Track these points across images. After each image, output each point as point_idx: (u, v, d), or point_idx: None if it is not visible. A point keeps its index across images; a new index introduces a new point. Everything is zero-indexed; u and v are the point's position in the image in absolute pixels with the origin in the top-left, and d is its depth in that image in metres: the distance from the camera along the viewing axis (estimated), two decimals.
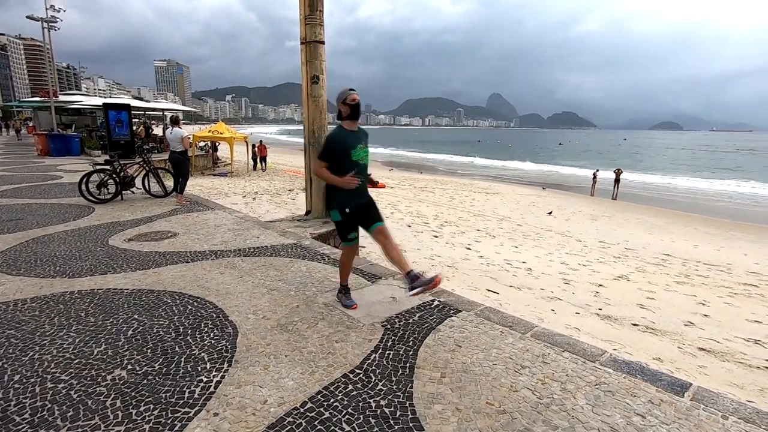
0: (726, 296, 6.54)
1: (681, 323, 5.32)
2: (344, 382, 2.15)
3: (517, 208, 15.06)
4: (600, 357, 2.40)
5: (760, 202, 21.23)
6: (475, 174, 31.19)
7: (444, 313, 2.96)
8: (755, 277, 7.86)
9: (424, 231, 9.73)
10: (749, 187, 26.41)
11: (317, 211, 6.47)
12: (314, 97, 6.20)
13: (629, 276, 7.34)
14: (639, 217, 14.85)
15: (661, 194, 22.76)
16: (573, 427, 1.84)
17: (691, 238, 11.59)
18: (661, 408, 1.97)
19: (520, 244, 9.34)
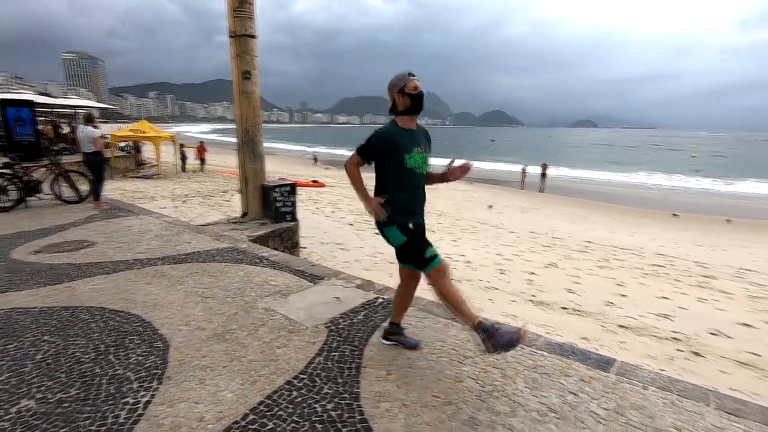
0: (639, 277, 7.24)
1: (603, 304, 5.80)
2: (288, 389, 2.07)
3: (454, 203, 15.59)
4: (536, 342, 2.53)
5: (663, 191, 23.86)
6: None
7: (388, 310, 2.96)
8: (662, 258, 8.80)
9: (366, 229, 9.74)
10: (654, 179, 29.60)
11: (254, 212, 6.21)
12: (246, 93, 5.93)
13: (557, 263, 7.87)
14: (564, 209, 16.04)
15: (581, 186, 24.77)
16: (514, 410, 1.92)
17: (609, 226, 12.73)
18: (591, 384, 2.11)
19: (459, 237, 9.67)
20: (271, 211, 5.96)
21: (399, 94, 2.20)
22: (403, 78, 2.20)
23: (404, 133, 2.21)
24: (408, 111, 2.22)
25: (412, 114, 2.24)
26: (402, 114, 2.24)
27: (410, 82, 2.19)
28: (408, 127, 2.25)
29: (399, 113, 2.24)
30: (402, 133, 2.21)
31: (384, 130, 2.21)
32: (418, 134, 2.27)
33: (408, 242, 2.17)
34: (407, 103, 2.20)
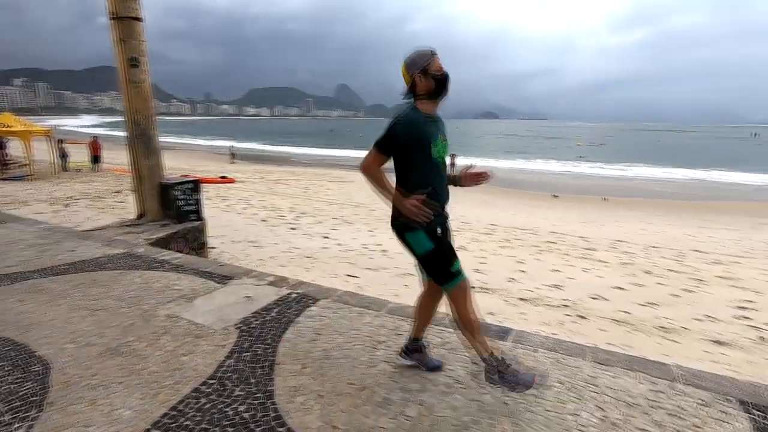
0: (535, 253, 8.04)
1: (505, 280, 6.35)
2: (195, 396, 1.96)
3: (370, 193, 15.83)
4: (443, 321, 2.70)
5: (555, 175, 26.65)
6: (330, 164, 31.62)
7: (303, 305, 2.94)
8: (554, 235, 9.85)
9: (280, 224, 9.47)
10: (550, 165, 32.89)
11: (153, 213, 5.69)
12: (135, 82, 5.37)
13: (466, 246, 8.42)
14: (472, 195, 17.15)
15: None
16: (424, 386, 2.04)
17: (510, 209, 13.92)
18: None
19: (375, 227, 9.85)
20: (172, 210, 5.51)
21: (421, 74, 1.91)
22: (426, 56, 1.91)
23: (428, 120, 1.93)
24: (432, 95, 1.94)
25: (436, 98, 1.96)
26: (423, 98, 1.94)
27: (434, 62, 1.91)
28: (429, 113, 1.96)
29: (419, 97, 1.94)
30: (426, 120, 1.92)
31: (408, 117, 1.88)
32: (439, 121, 2.00)
33: (434, 251, 1.88)
34: (431, 85, 1.92)
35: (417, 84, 1.93)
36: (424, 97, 1.94)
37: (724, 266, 7.44)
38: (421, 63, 1.91)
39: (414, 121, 1.88)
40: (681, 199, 17.94)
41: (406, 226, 1.90)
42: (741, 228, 11.23)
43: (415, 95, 1.95)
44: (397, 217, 1.93)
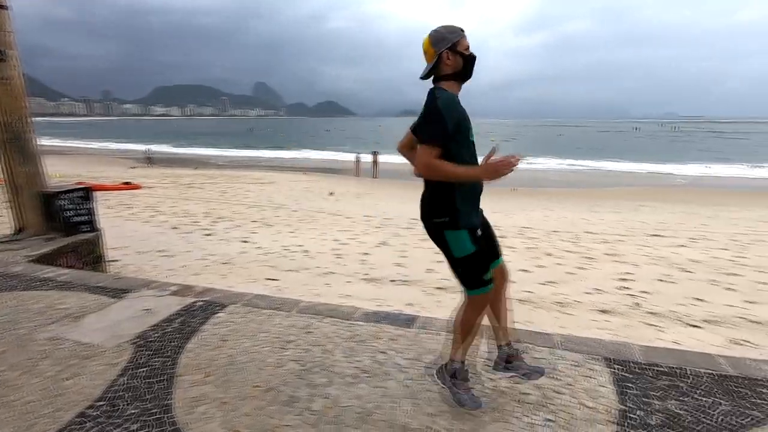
0: None
1: (424, 271, 6.62)
2: (79, 422, 1.80)
3: (292, 194, 15.52)
4: (353, 314, 2.76)
5: None
6: (249, 165, 30.38)
7: (209, 312, 2.82)
8: None
9: (194, 231, 8.94)
10: None
11: (34, 226, 5.04)
12: (3, 79, 4.71)
13: (388, 241, 8.62)
14: (395, 191, 17.58)
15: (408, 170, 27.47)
16: (331, 380, 2.07)
17: None
18: (398, 341, 2.43)
19: (297, 228, 9.70)
20: (58, 222, 4.92)
21: (449, 52, 1.73)
22: (456, 33, 1.74)
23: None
24: (458, 76, 1.77)
25: (462, 81, 1.80)
26: (448, 79, 1.77)
27: (463, 40, 1.75)
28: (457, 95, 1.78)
29: (444, 77, 1.77)
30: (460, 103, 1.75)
31: (449, 97, 1.71)
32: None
33: (474, 255, 1.74)
34: (458, 65, 1.76)
35: (443, 62, 1.75)
36: (450, 77, 1.77)
37: (609, 244, 8.46)
38: (451, 39, 1.74)
39: (456, 102, 1.73)
40: (577, 187, 20.03)
41: (450, 224, 1.74)
42: (624, 210, 12.85)
43: (439, 75, 1.78)
44: (438, 213, 1.78)
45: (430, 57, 1.76)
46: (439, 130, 1.66)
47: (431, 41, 1.75)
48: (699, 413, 1.79)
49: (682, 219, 11.42)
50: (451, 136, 1.68)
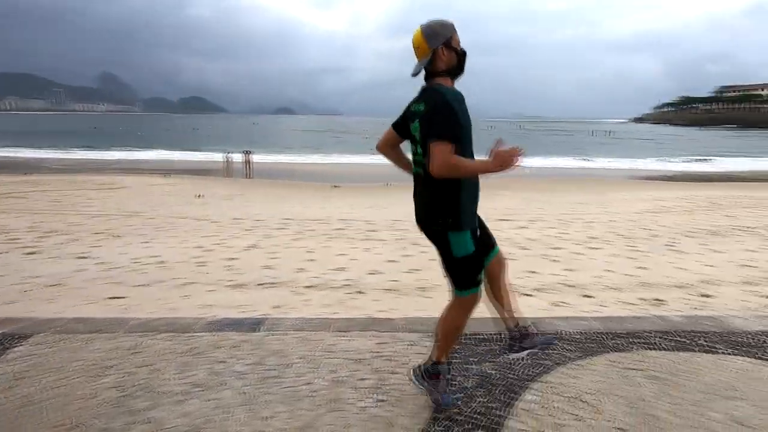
0: (325, 241, 8.50)
1: (294, 271, 6.50)
2: None
3: (149, 200, 13.85)
4: (194, 326, 2.55)
5: (347, 166, 28.72)
6: (94, 168, 26.18)
7: (3, 347, 2.32)
8: (344, 222, 10.61)
9: (10, 250, 7.36)
10: (345, 159, 35.07)
11: None
12: None
13: (258, 244, 8.26)
14: (269, 191, 16.95)
15: (286, 168, 26.79)
16: (156, 402, 1.88)
17: (305, 202, 14.33)
18: (241, 348, 2.31)
19: (152, 238, 8.67)
20: None
21: (444, 47, 1.70)
22: (450, 28, 1.71)
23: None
24: (452, 72, 1.74)
25: (455, 76, 1.77)
26: (442, 75, 1.73)
27: (456, 35, 1.72)
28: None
29: (438, 74, 1.73)
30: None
31: (456, 92, 1.69)
32: None
33: (473, 256, 1.76)
34: (453, 61, 1.73)
35: (438, 58, 1.72)
36: (444, 74, 1.75)
37: None
38: (444, 35, 1.71)
39: (461, 97, 1.71)
40: None
41: (453, 225, 1.72)
42: (481, 199, 14.44)
43: (433, 72, 1.74)
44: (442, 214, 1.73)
45: (423, 53, 1.73)
46: (451, 125, 1.62)
47: (425, 37, 1.71)
48: (506, 370, 2.07)
49: (524, 204, 13.28)
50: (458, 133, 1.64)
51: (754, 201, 12.03)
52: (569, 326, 2.49)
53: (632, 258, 6.96)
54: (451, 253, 1.78)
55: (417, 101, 1.77)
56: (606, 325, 2.50)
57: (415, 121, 1.75)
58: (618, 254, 7.24)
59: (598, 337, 2.38)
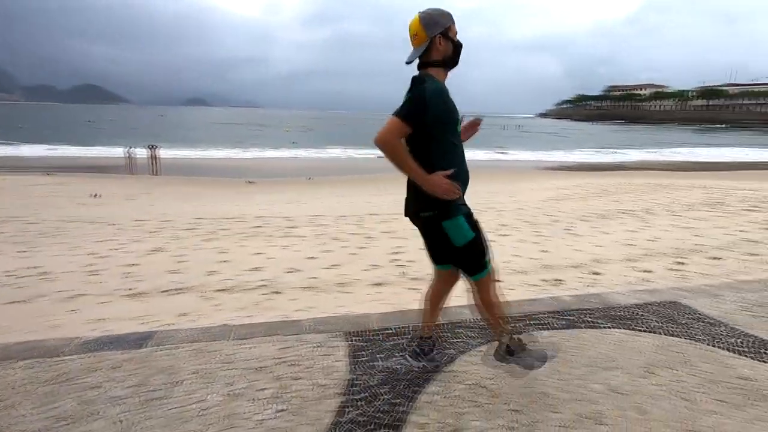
0: (240, 240, 8.06)
1: (204, 274, 6.05)
2: None
3: (29, 203, 12.06)
4: (64, 348, 2.21)
5: (266, 161, 27.63)
6: None
7: None
8: (261, 220, 10.16)
9: None
10: (265, 153, 33.64)
11: None
12: None
13: (164, 246, 7.57)
14: (178, 189, 15.67)
15: (200, 164, 24.99)
16: None
17: (219, 200, 13.49)
18: (122, 368, 2.05)
19: (33, 246, 7.56)
20: None
21: (442, 37, 1.69)
22: (448, 17, 1.69)
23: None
24: (446, 63, 1.74)
25: (450, 67, 1.77)
26: (437, 65, 1.72)
27: (453, 26, 1.70)
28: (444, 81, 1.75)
29: (432, 63, 1.72)
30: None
31: (437, 86, 1.67)
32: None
33: (475, 240, 1.77)
34: (449, 51, 1.73)
35: (434, 47, 1.70)
36: (439, 64, 1.73)
37: (387, 223, 9.50)
38: (443, 24, 1.69)
39: (444, 91, 1.69)
40: (365, 173, 21.96)
41: (444, 214, 1.71)
42: (400, 192, 14.70)
43: (427, 61, 1.72)
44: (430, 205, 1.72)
45: (420, 41, 1.70)
46: (416, 109, 1.62)
47: (423, 25, 1.67)
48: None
49: None
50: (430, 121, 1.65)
51: (634, 187, 13.71)
52: (473, 314, 2.57)
53: (536, 243, 7.54)
54: (451, 243, 1.79)
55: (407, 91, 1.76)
56: (506, 310, 2.62)
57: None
58: (525, 239, 7.79)
59: None
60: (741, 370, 2.07)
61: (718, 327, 2.48)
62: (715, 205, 10.45)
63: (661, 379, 1.99)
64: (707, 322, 2.55)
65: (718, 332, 2.42)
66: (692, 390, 1.91)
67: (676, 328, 2.43)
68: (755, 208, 9.92)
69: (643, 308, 2.69)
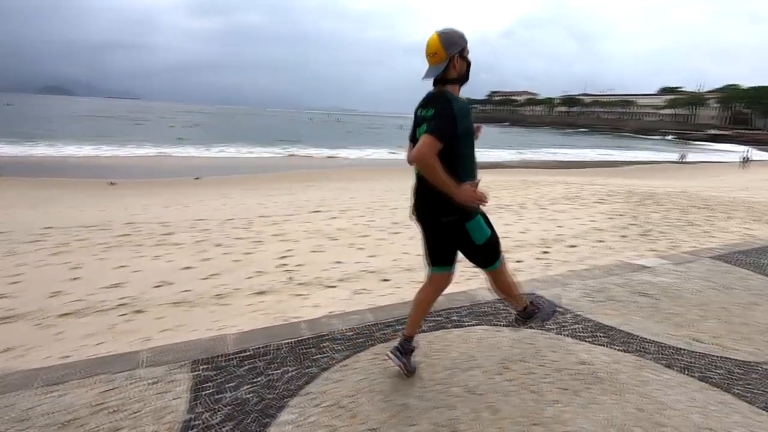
0: (100, 252, 6.95)
1: (46, 297, 5.06)
2: None
3: None
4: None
5: (146, 159, 24.69)
6: None
7: None
8: (130, 227, 8.93)
9: None
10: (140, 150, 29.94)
11: None
12: None
13: None
14: (23, 193, 13.11)
15: (54, 163, 21.31)
16: None
17: (79, 204, 11.59)
18: None
19: None
20: None
21: (459, 56, 1.85)
22: (464, 38, 1.85)
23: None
24: (462, 79, 1.91)
25: (463, 84, 1.92)
26: (453, 82, 1.88)
27: (467, 46, 1.88)
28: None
29: (450, 81, 1.87)
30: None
31: (463, 103, 1.84)
32: None
33: (492, 236, 1.99)
34: (463, 69, 1.90)
35: (452, 66, 1.85)
36: (455, 81, 1.88)
37: (278, 225, 9.06)
38: (461, 44, 1.85)
39: (468, 109, 1.85)
40: (259, 172, 20.88)
41: (466, 216, 1.88)
42: (296, 192, 14.24)
43: (445, 78, 1.87)
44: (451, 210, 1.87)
45: (439, 59, 1.82)
46: (449, 131, 1.76)
47: (443, 44, 1.79)
48: (265, 390, 1.85)
49: (338, 194, 13.67)
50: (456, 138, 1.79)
51: (510, 184, 15.12)
52: (343, 323, 2.44)
53: None
54: (473, 242, 1.95)
55: (424, 107, 1.93)
56: (377, 316, 2.55)
57: (423, 125, 1.87)
58: (414, 236, 8.01)
59: (368, 330, 2.39)
60: (581, 355, 2.26)
61: (565, 315, 2.70)
62: (574, 198, 12.01)
63: (514, 374, 2.06)
64: (557, 311, 2.77)
65: (564, 320, 2.63)
66: (540, 381, 2.01)
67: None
68: (602, 201, 11.62)
69: (504, 302, 2.83)
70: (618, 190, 14.00)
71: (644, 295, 2.97)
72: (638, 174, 24.90)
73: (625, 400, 1.91)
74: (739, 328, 2.72)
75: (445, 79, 1.89)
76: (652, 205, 11.07)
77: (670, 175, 24.12)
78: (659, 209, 10.56)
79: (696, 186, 17.15)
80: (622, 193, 13.22)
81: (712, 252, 4.49)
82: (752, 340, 2.57)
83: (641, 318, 2.76)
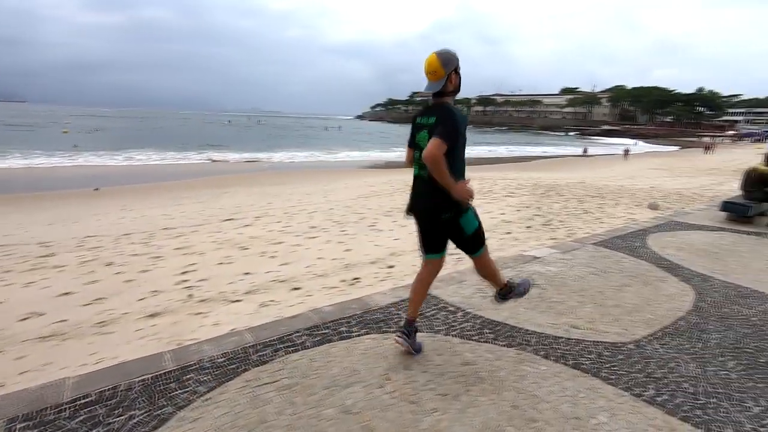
0: None
1: None
2: None
3: None
4: None
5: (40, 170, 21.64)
6: None
7: None
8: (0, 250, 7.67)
9: None
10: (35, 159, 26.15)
11: None
12: None
13: None
14: None
15: None
16: None
17: None
18: None
19: None
20: None
21: (454, 73, 2.15)
22: (456, 57, 2.15)
23: None
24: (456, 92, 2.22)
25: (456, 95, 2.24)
26: (450, 95, 2.19)
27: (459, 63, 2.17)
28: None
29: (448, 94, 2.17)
30: None
31: (462, 113, 2.16)
32: None
33: (480, 226, 2.26)
34: (458, 83, 2.22)
35: (449, 81, 2.14)
36: (452, 94, 2.19)
37: (184, 237, 8.34)
38: (455, 62, 2.14)
39: (465, 118, 2.14)
40: (166, 180, 19.25)
41: (459, 212, 2.14)
42: (207, 200, 13.29)
43: (443, 92, 2.14)
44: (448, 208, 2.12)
45: (439, 77, 2.12)
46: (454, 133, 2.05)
47: (442, 63, 2.10)
48: None
49: (254, 200, 13.00)
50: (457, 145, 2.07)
51: None
52: (216, 348, 2.18)
53: (342, 242, 7.64)
54: (464, 233, 2.21)
55: (425, 115, 2.20)
56: (258, 335, 2.32)
57: (423, 131, 2.15)
58: (331, 240, 7.81)
59: (244, 354, 2.16)
60: (465, 356, 2.23)
61: (456, 314, 2.69)
62: (486, 193, 12.60)
63: (396, 384, 1.97)
64: (449, 311, 2.76)
65: (454, 319, 2.62)
66: (421, 389, 1.94)
67: (421, 322, 2.53)
68: (511, 194, 12.33)
69: (398, 306, 2.76)
70: (526, 183, 14.97)
71: (532, 286, 3.09)
72: (545, 167, 27.02)
73: (502, 399, 1.90)
74: (611, 310, 2.91)
75: (444, 92, 2.16)
76: (555, 196, 11.97)
77: (572, 167, 26.48)
78: (560, 199, 11.44)
79: (592, 177, 18.97)
80: (529, 185, 14.15)
81: (596, 238, 4.87)
82: (621, 320, 2.76)
83: (527, 309, 2.85)
